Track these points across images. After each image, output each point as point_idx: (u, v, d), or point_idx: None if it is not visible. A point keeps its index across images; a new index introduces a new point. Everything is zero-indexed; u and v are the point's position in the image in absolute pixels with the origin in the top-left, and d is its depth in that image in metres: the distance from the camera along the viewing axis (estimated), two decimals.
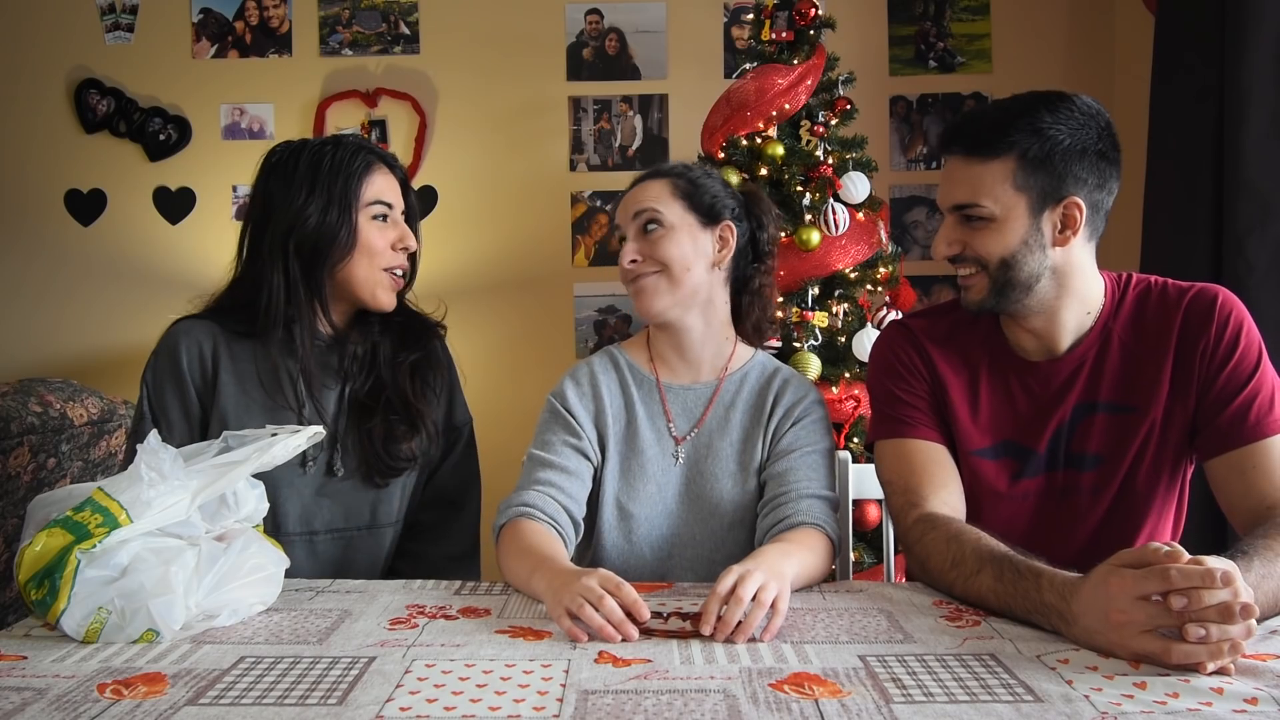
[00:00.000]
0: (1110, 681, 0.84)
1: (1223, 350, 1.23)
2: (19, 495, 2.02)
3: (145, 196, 3.34)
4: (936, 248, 1.29)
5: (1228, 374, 1.22)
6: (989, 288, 1.25)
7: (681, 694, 0.82)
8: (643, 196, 1.41)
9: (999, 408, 1.32)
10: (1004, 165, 1.20)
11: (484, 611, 1.09)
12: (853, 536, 1.60)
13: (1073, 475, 1.29)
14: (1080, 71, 3.22)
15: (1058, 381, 1.29)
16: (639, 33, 3.31)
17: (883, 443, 1.35)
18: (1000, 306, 1.27)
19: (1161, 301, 1.28)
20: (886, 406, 1.35)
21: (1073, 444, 1.29)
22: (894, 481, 1.31)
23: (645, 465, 1.40)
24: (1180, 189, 2.47)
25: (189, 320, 1.44)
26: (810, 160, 2.49)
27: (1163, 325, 1.26)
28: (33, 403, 2.15)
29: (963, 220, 1.25)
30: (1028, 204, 1.21)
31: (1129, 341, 1.28)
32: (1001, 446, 1.32)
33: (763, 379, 1.45)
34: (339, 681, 0.86)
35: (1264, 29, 2.25)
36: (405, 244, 1.43)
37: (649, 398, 1.44)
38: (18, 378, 2.46)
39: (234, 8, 3.34)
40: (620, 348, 1.50)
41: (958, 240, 1.26)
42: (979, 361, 1.34)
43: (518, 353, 3.20)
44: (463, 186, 3.32)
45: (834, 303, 2.50)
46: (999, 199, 1.21)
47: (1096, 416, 1.27)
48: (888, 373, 1.37)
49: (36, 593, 1.00)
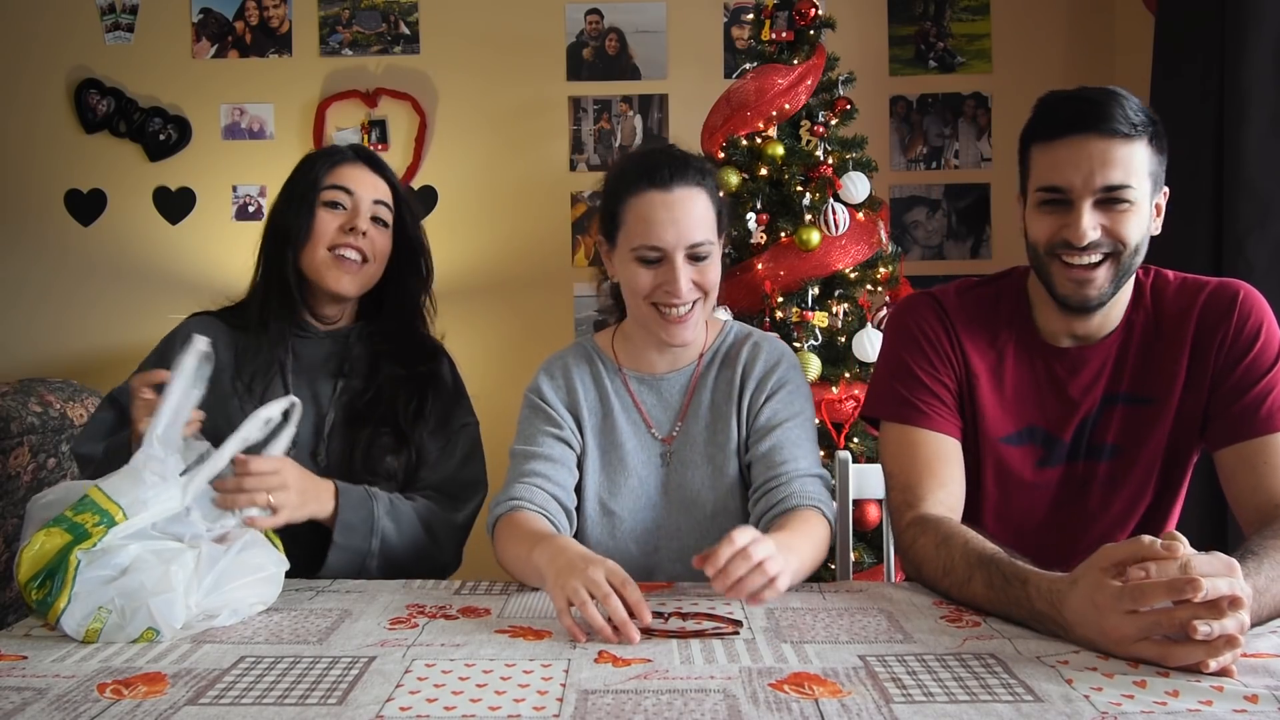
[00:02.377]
0: (1110, 681, 0.84)
1: (1243, 343, 1.22)
2: (19, 495, 2.02)
3: (145, 196, 3.34)
4: (1082, 234, 1.17)
5: (1245, 366, 1.21)
6: (1114, 276, 1.20)
7: (681, 694, 0.82)
8: (690, 221, 1.27)
9: (1025, 392, 1.29)
10: (1143, 148, 1.18)
11: (484, 611, 1.09)
12: (853, 536, 1.59)
13: (1091, 465, 1.28)
14: (1080, 72, 3.22)
15: (1087, 371, 1.27)
16: (639, 33, 3.31)
17: (891, 426, 1.31)
18: (1108, 298, 1.22)
19: (1180, 294, 1.27)
20: (903, 386, 1.30)
21: (1095, 435, 1.28)
22: (896, 475, 1.29)
23: (625, 459, 1.37)
24: (1180, 189, 2.47)
25: (197, 316, 1.53)
26: (810, 160, 2.50)
27: (1181, 318, 1.25)
28: (33, 403, 2.15)
29: (1102, 204, 1.18)
30: (1149, 190, 1.20)
31: (1149, 333, 1.27)
32: (1027, 432, 1.29)
33: (728, 352, 1.40)
34: (339, 681, 0.86)
35: (1264, 29, 2.26)
36: (353, 224, 1.44)
37: (621, 390, 1.41)
38: (18, 378, 2.46)
39: (234, 8, 3.34)
40: (591, 340, 1.46)
41: (1099, 224, 1.18)
42: (1006, 344, 1.31)
43: (517, 353, 3.20)
44: (463, 186, 3.31)
45: (834, 303, 2.50)
46: (1141, 183, 1.17)
47: (1117, 408, 1.27)
48: (910, 347, 1.31)
49: (37, 593, 1.00)
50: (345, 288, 1.45)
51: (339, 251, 1.44)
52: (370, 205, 1.46)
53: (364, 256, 1.46)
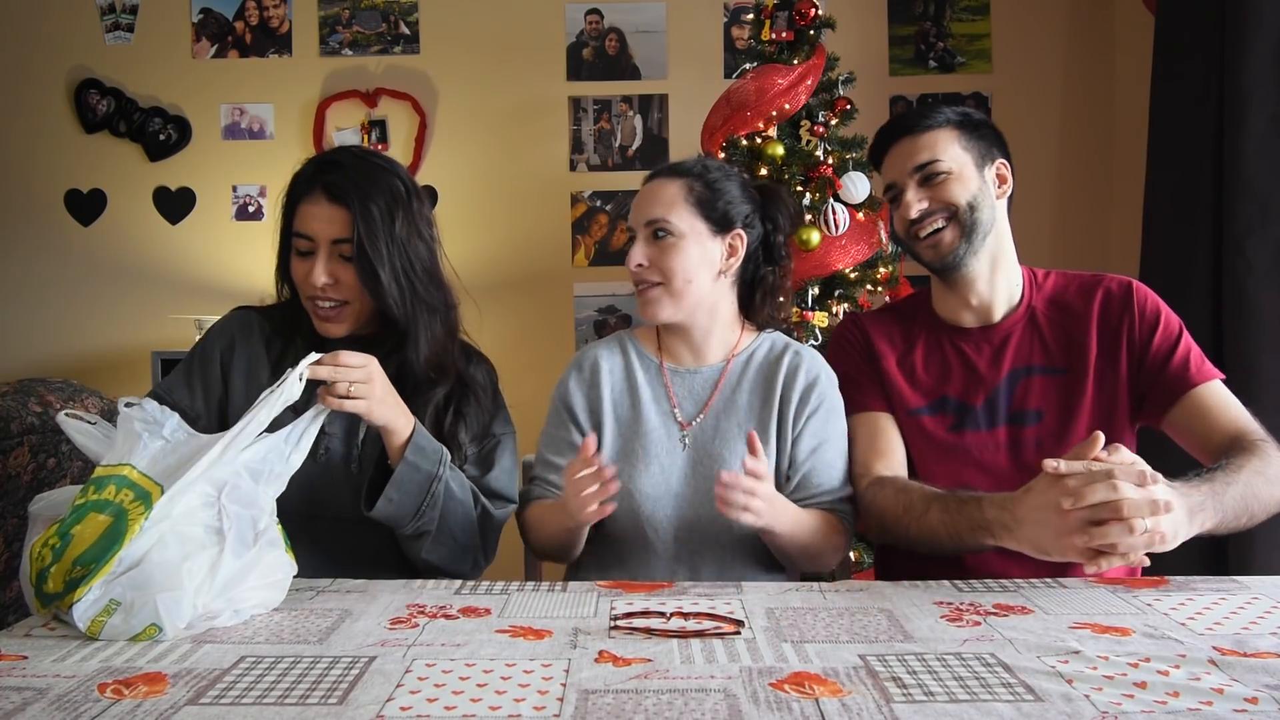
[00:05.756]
0: (1110, 681, 0.84)
1: (1148, 322, 1.41)
2: (19, 495, 2.02)
3: (145, 196, 3.34)
4: (908, 207, 1.43)
5: (1158, 340, 1.40)
6: (960, 233, 1.42)
7: (682, 694, 0.82)
8: (656, 201, 1.42)
9: (936, 369, 1.49)
10: (946, 132, 1.44)
11: (484, 611, 1.09)
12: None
13: (1016, 430, 1.43)
14: (1080, 71, 3.23)
15: (991, 347, 1.47)
16: (639, 33, 3.31)
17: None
18: (965, 257, 1.42)
19: (1080, 287, 1.48)
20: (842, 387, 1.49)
21: (1013, 403, 1.44)
22: (850, 457, 1.45)
23: (650, 447, 1.42)
24: (1180, 189, 2.47)
25: (243, 309, 1.51)
26: (810, 160, 2.50)
27: (1082, 303, 1.45)
28: (33, 403, 2.15)
29: (923, 181, 1.43)
30: (973, 160, 1.43)
31: (1053, 316, 1.47)
32: (939, 403, 1.47)
33: (770, 357, 1.48)
34: (339, 681, 0.86)
35: (1264, 29, 2.26)
36: (310, 274, 1.34)
37: (655, 381, 1.47)
38: (18, 378, 2.46)
39: (234, 8, 3.34)
40: (630, 333, 1.55)
41: (924, 197, 1.43)
42: (917, 335, 1.52)
43: (517, 353, 3.20)
44: (463, 186, 3.32)
45: (834, 303, 2.50)
46: (952, 156, 1.43)
47: (1034, 379, 1.44)
48: (836, 355, 1.54)
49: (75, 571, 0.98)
50: (333, 333, 1.40)
51: (314, 301, 1.38)
52: (329, 247, 1.35)
53: (337, 303, 1.38)
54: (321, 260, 1.35)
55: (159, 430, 1.09)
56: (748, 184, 1.48)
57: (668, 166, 1.47)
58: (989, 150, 1.45)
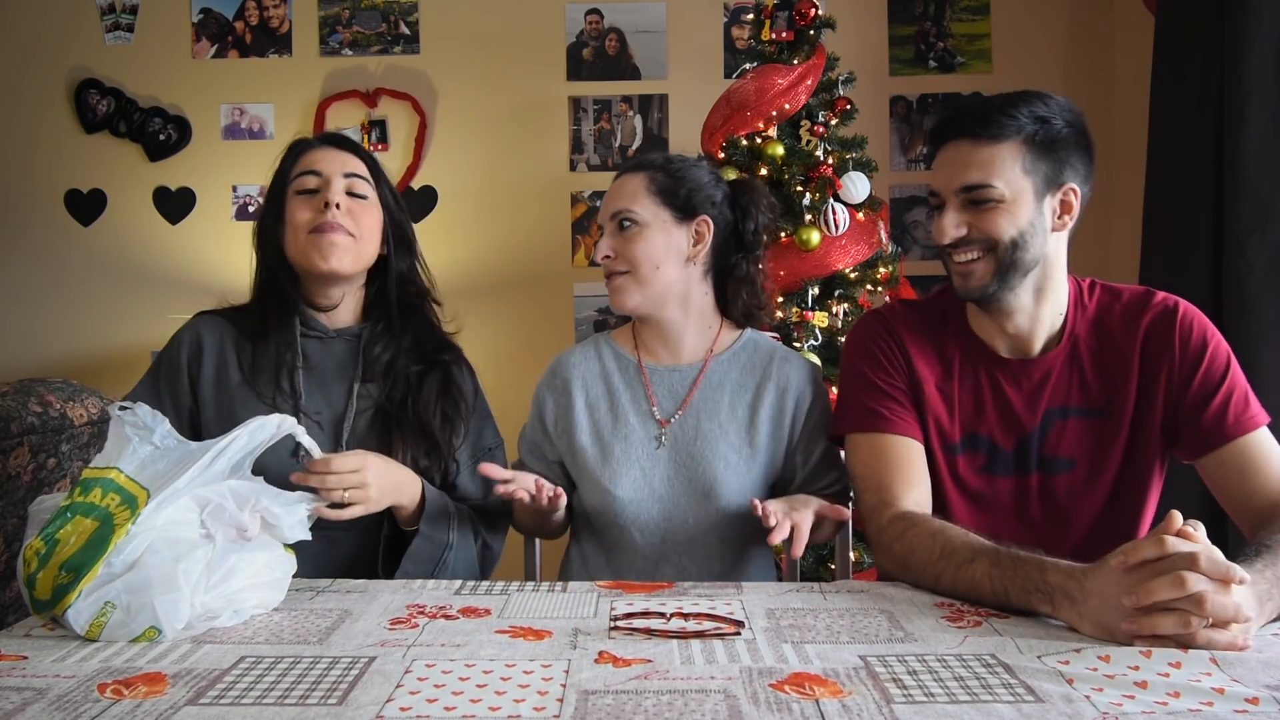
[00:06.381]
0: (1111, 681, 0.84)
1: (1190, 358, 1.26)
2: (19, 495, 2.02)
3: (145, 196, 3.34)
4: (943, 230, 1.26)
5: (1200, 380, 1.25)
6: (994, 271, 1.26)
7: (682, 694, 0.82)
8: (620, 194, 1.45)
9: (970, 401, 1.34)
10: (1013, 147, 1.23)
11: (484, 611, 1.09)
12: (852, 537, 1.59)
13: (1046, 478, 1.31)
14: (1080, 72, 3.22)
15: (1030, 384, 1.31)
16: (639, 33, 3.31)
17: (858, 436, 1.34)
18: (999, 292, 1.27)
19: (1125, 311, 1.31)
20: (865, 397, 1.34)
21: (1045, 448, 1.31)
22: (868, 478, 1.31)
23: (630, 451, 1.42)
24: (1180, 189, 2.47)
25: (204, 315, 1.50)
26: (810, 160, 2.49)
27: (1126, 334, 1.30)
28: (33, 403, 2.14)
29: (969, 204, 1.25)
30: (1034, 188, 1.24)
31: (1094, 347, 1.31)
32: (970, 440, 1.33)
33: (755, 359, 1.48)
34: (339, 681, 0.86)
35: (1264, 30, 2.26)
36: (325, 199, 1.41)
37: (633, 380, 1.48)
38: (18, 378, 2.46)
39: (234, 8, 3.34)
40: (606, 335, 1.55)
41: (965, 222, 1.26)
42: (953, 355, 1.36)
43: (517, 352, 3.20)
44: (463, 186, 3.32)
45: (834, 303, 2.50)
46: (1010, 181, 1.23)
47: (1069, 421, 1.30)
48: (867, 360, 1.37)
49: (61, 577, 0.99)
50: (334, 264, 1.40)
51: (318, 230, 1.41)
52: (342, 180, 1.43)
53: (348, 231, 1.41)
54: (337, 190, 1.42)
55: (149, 436, 1.09)
56: (716, 173, 1.50)
57: (633, 161, 1.51)
58: (1059, 173, 1.25)
